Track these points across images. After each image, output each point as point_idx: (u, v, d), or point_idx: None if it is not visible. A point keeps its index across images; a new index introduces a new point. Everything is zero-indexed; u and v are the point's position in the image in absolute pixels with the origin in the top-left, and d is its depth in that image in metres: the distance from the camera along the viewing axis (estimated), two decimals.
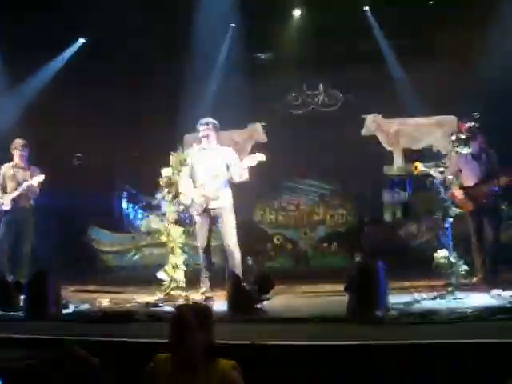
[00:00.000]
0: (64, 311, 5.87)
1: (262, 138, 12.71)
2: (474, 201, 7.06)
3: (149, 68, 11.88)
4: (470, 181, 7.16)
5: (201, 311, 3.06)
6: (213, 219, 6.58)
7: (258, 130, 12.77)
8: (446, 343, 3.87)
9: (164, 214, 7.03)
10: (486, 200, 7.07)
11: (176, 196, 6.73)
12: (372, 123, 12.17)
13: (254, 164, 6.43)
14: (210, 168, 6.57)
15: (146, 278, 8.19)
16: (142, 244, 11.56)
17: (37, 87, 11.10)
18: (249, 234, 10.68)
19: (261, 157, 6.45)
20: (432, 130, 11.76)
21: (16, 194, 7.60)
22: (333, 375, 3.76)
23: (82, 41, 11.71)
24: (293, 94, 12.80)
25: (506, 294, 5.57)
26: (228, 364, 2.92)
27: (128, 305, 6.26)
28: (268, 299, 5.70)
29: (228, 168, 6.55)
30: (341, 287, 5.30)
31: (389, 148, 12.16)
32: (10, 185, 7.70)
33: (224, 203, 6.55)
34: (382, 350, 3.85)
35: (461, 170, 7.14)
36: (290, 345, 4.09)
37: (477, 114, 6.22)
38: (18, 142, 7.83)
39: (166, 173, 6.73)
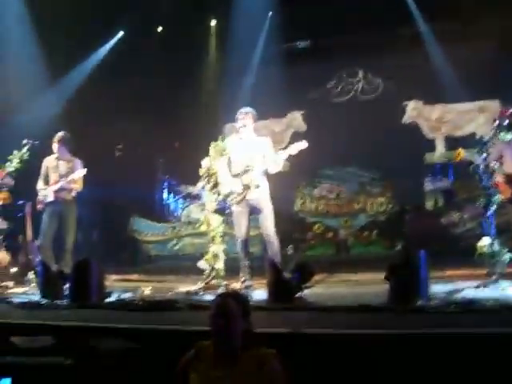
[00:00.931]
0: (107, 300, 5.95)
1: (301, 126, 12.67)
2: None
3: (188, 60, 11.94)
4: None
5: (240, 299, 3.10)
6: (251, 209, 6.60)
7: (296, 119, 12.74)
8: (489, 333, 3.81)
9: (204, 204, 7.08)
10: None
11: (215, 186, 6.76)
12: (413, 110, 12.02)
13: (295, 152, 6.42)
14: (247, 158, 6.57)
15: (187, 267, 8.27)
16: (182, 233, 11.67)
17: (78, 80, 11.27)
18: (289, 222, 10.72)
19: (303, 145, 6.44)
20: (474, 116, 11.55)
21: (58, 186, 7.66)
22: (373, 364, 3.75)
23: (121, 33, 11.85)
24: (332, 82, 12.70)
25: None
26: (268, 352, 2.94)
27: (169, 293, 6.32)
28: (308, 288, 5.69)
29: (264, 158, 6.55)
30: (381, 276, 5.25)
31: (430, 135, 11.99)
32: (53, 177, 7.77)
33: (261, 193, 6.56)
34: (423, 340, 3.81)
35: (504, 157, 6.99)
36: (330, 333, 4.08)
37: None
38: (60, 134, 7.89)
39: (205, 163, 6.77)
